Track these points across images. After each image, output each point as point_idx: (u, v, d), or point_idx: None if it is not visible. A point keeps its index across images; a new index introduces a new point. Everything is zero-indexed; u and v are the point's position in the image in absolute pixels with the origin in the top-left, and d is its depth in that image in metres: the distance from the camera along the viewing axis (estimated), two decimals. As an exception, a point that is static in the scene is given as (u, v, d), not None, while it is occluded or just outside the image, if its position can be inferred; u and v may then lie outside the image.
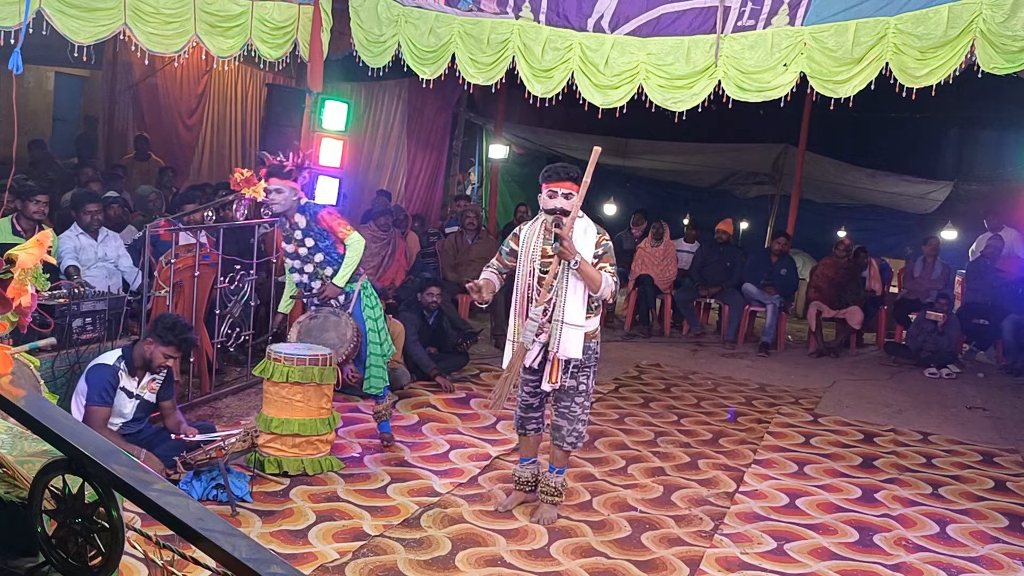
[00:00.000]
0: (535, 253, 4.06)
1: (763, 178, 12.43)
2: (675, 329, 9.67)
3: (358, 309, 5.02)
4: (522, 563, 3.78)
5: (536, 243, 4.07)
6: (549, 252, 3.98)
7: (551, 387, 4.10)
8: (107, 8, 5.24)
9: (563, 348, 3.98)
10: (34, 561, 1.60)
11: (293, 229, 4.92)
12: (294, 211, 4.90)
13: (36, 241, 2.06)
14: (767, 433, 6.03)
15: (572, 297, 3.96)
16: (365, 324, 5.02)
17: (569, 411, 4.17)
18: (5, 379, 1.75)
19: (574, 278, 3.94)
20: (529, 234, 4.12)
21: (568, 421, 4.17)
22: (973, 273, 9.27)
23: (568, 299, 3.96)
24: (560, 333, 3.96)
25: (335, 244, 4.92)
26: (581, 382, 4.14)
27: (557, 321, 3.97)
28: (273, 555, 1.33)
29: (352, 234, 4.91)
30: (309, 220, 4.88)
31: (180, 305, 5.52)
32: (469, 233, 8.83)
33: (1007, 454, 5.93)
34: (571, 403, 4.15)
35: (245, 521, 3.94)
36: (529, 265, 4.06)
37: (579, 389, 4.15)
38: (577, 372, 4.11)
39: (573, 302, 3.96)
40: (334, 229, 4.87)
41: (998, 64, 4.95)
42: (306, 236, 4.89)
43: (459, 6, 6.38)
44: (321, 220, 4.86)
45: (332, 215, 4.92)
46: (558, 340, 3.97)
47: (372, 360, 5.04)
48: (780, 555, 4.08)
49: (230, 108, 11.03)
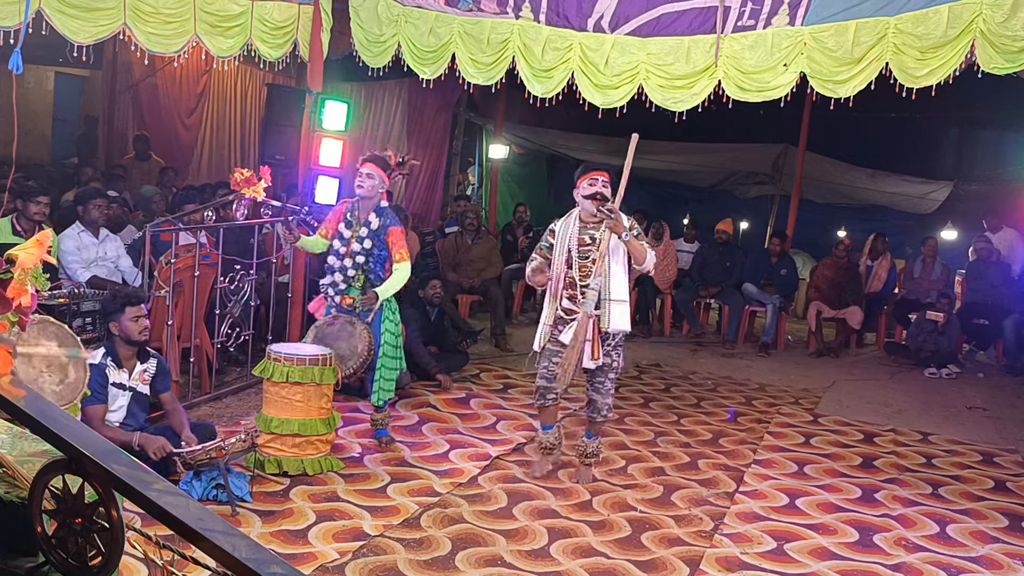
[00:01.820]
0: (572, 242, 4.55)
1: (763, 178, 12.42)
2: (675, 329, 9.67)
3: (378, 320, 5.01)
4: (522, 563, 3.78)
5: (573, 232, 4.56)
6: (587, 241, 4.52)
7: (594, 364, 4.54)
8: (107, 8, 5.24)
9: (614, 322, 4.49)
10: (34, 561, 1.60)
11: (361, 224, 4.95)
12: (373, 204, 4.95)
13: (36, 241, 2.05)
14: (767, 433, 6.03)
15: (616, 277, 4.47)
16: (381, 336, 5.02)
17: (603, 387, 4.68)
18: (5, 379, 1.75)
19: (616, 259, 4.46)
20: (564, 227, 4.63)
21: (602, 396, 4.69)
22: (973, 273, 9.27)
23: (612, 279, 4.46)
24: (609, 310, 4.46)
25: (386, 260, 4.97)
26: (614, 359, 4.65)
27: (605, 300, 4.45)
28: (273, 555, 1.33)
29: (406, 261, 4.98)
30: (382, 226, 4.93)
31: (180, 305, 5.53)
32: (469, 233, 8.83)
33: (1007, 454, 5.94)
34: (605, 379, 4.66)
35: (245, 521, 3.94)
36: (566, 254, 4.55)
37: (612, 366, 4.65)
38: (611, 350, 4.60)
39: (617, 281, 4.48)
40: (395, 246, 4.94)
41: (998, 64, 4.95)
42: (369, 237, 4.94)
43: (459, 6, 6.37)
44: (390, 232, 4.94)
45: (402, 234, 5.00)
46: (608, 316, 4.47)
47: (383, 372, 5.05)
48: (780, 555, 4.08)
49: (230, 108, 11.03)
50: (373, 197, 4.96)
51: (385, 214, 4.98)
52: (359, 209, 5.01)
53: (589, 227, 4.55)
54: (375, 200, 4.97)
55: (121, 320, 4.23)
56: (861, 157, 11.30)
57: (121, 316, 4.23)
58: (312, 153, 6.57)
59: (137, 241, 6.18)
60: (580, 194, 4.58)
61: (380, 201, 5.00)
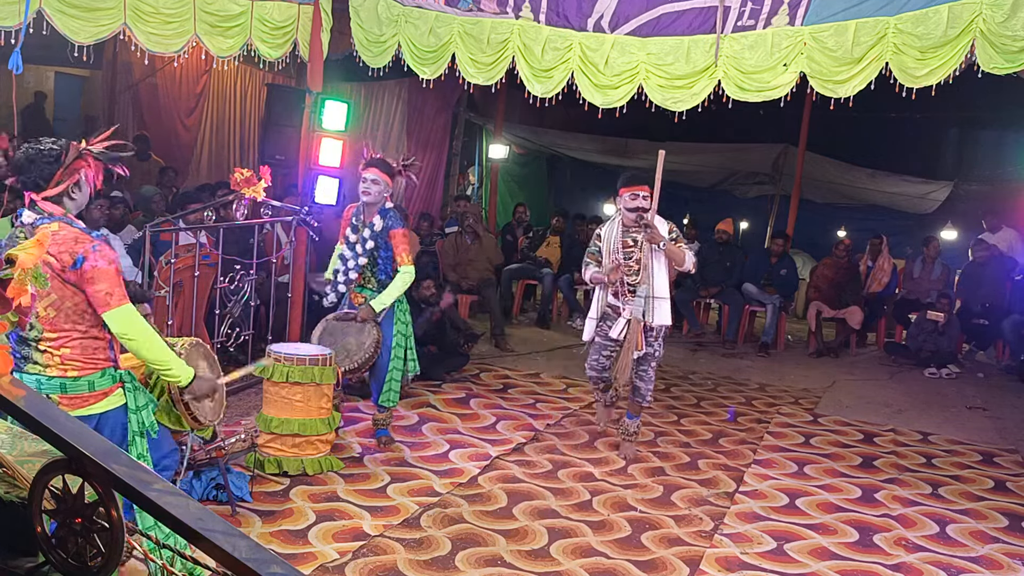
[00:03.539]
0: (616, 245, 5.04)
1: (763, 178, 12.42)
2: (675, 329, 9.65)
3: (389, 322, 5.01)
4: (522, 563, 3.78)
5: (617, 236, 5.05)
6: (630, 243, 5.00)
7: (638, 354, 5.01)
8: (107, 8, 5.24)
9: (659, 317, 4.98)
10: (34, 561, 1.60)
11: (366, 225, 4.96)
12: (376, 210, 4.96)
13: (36, 241, 2.05)
14: (767, 433, 6.03)
15: (659, 276, 4.95)
16: (393, 339, 5.02)
17: (646, 374, 5.15)
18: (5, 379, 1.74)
19: (658, 261, 4.94)
20: (609, 232, 5.11)
21: (645, 382, 5.16)
22: (967, 276, 9.25)
23: (656, 278, 4.94)
24: (653, 306, 4.94)
25: (391, 261, 4.97)
26: (656, 348, 5.10)
27: (649, 297, 4.93)
28: (273, 555, 1.33)
29: (409, 265, 4.96)
30: (384, 228, 4.93)
31: (180, 305, 5.53)
32: (469, 234, 8.83)
33: (1007, 454, 5.94)
34: (647, 367, 5.13)
35: (245, 521, 3.94)
36: (612, 256, 5.03)
37: (654, 355, 5.12)
38: (653, 340, 5.06)
39: (660, 280, 4.96)
40: (398, 249, 4.93)
41: (998, 64, 4.95)
42: (372, 238, 4.94)
43: (459, 6, 6.37)
44: (393, 235, 4.93)
45: (405, 237, 5.00)
46: (652, 312, 4.95)
47: (393, 375, 5.05)
48: (780, 555, 4.08)
49: (229, 108, 11.02)
50: (378, 202, 4.96)
51: (388, 216, 4.98)
52: (364, 213, 5.01)
53: (631, 231, 5.04)
54: (380, 205, 4.97)
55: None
56: (861, 157, 11.29)
57: None
58: (312, 153, 6.57)
59: (137, 241, 6.18)
60: (623, 205, 5.05)
61: (385, 203, 5.00)
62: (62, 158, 2.83)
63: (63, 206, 2.86)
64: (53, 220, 2.81)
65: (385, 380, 5.05)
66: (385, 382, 5.05)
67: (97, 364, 2.88)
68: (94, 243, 2.83)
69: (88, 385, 2.86)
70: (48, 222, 2.80)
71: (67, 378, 2.83)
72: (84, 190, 2.92)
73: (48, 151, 2.82)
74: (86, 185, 2.92)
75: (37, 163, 2.81)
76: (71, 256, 2.76)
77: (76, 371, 2.85)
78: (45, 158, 2.81)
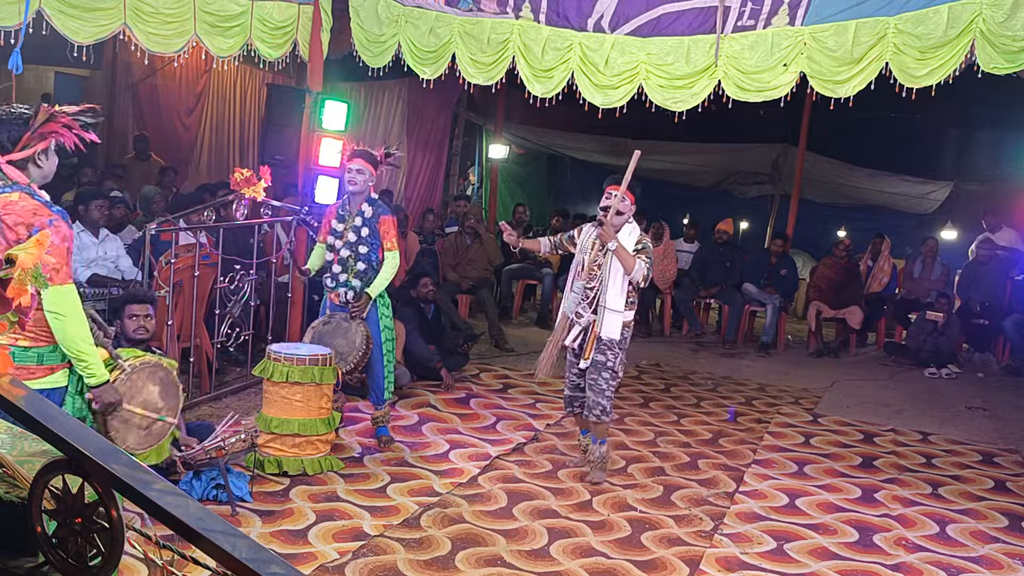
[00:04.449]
0: (586, 244, 4.83)
1: (763, 178, 12.41)
2: (675, 329, 9.67)
3: (374, 315, 5.05)
4: (522, 563, 3.78)
5: (591, 236, 4.84)
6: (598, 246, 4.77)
7: (585, 364, 4.75)
8: (107, 8, 5.24)
9: (605, 328, 4.69)
10: (34, 561, 1.60)
11: (355, 215, 5.01)
12: (364, 198, 5.03)
13: (36, 241, 2.06)
14: (767, 433, 6.03)
15: (612, 287, 4.68)
16: (381, 334, 5.06)
17: (596, 384, 4.73)
18: (5, 379, 1.75)
19: (615, 272, 4.66)
20: (587, 231, 4.91)
21: (594, 393, 4.74)
22: (967, 276, 9.25)
23: (609, 289, 4.67)
24: (603, 316, 4.68)
25: (376, 250, 5.02)
26: (609, 358, 4.71)
27: (601, 307, 4.68)
28: (273, 555, 1.33)
29: (395, 251, 5.05)
30: (375, 214, 5.01)
31: (180, 305, 5.53)
32: (469, 234, 8.83)
33: (1007, 454, 5.94)
34: (597, 376, 4.72)
35: (245, 521, 3.94)
36: (580, 255, 4.85)
37: (606, 364, 4.72)
38: (606, 349, 4.71)
39: (613, 291, 4.68)
40: (386, 235, 5.02)
41: (998, 64, 4.95)
42: (364, 225, 5.00)
43: (459, 6, 6.37)
44: (382, 221, 5.01)
45: (393, 223, 5.09)
46: (601, 321, 4.69)
47: (387, 367, 5.12)
48: (780, 555, 4.08)
49: (229, 108, 11.01)
50: (364, 192, 5.04)
51: (377, 204, 5.07)
52: (351, 204, 5.07)
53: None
54: (366, 194, 5.05)
55: (121, 317, 4.24)
56: (861, 157, 11.29)
57: (122, 313, 4.24)
58: (312, 153, 6.57)
59: (137, 241, 6.17)
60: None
61: (370, 193, 5.08)
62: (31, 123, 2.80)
63: (28, 173, 2.82)
64: (15, 189, 2.76)
65: (383, 375, 5.10)
66: (384, 376, 5.11)
67: (49, 338, 2.87)
68: (52, 217, 2.78)
69: (37, 357, 2.86)
70: (9, 191, 2.75)
71: (17, 347, 2.82)
72: (51, 159, 2.89)
73: (19, 114, 2.80)
74: (53, 155, 2.88)
75: (6, 123, 2.78)
76: (27, 228, 2.71)
77: (29, 341, 2.84)
78: (15, 120, 2.79)
